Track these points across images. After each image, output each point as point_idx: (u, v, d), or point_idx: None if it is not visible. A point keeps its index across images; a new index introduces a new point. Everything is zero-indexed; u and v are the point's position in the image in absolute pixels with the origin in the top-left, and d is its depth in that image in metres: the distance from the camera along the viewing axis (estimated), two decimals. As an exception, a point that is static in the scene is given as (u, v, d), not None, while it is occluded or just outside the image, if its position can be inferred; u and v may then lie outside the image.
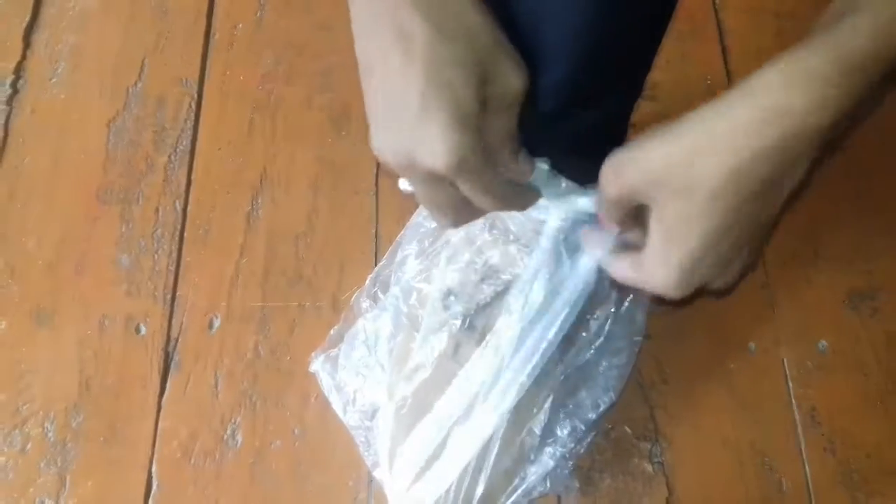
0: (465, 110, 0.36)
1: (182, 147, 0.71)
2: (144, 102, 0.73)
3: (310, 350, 0.62)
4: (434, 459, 0.52)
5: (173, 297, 0.65)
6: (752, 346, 0.64)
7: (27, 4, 0.77)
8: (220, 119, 0.72)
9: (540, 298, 0.50)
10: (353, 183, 0.69)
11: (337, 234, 0.68)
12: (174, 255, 0.67)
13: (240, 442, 0.60)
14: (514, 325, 0.51)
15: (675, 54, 0.74)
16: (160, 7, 0.77)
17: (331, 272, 0.66)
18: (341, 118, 0.72)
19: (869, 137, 0.70)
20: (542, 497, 0.57)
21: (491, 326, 0.53)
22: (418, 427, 0.53)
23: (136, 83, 0.74)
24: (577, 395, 0.57)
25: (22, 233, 0.67)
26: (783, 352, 0.64)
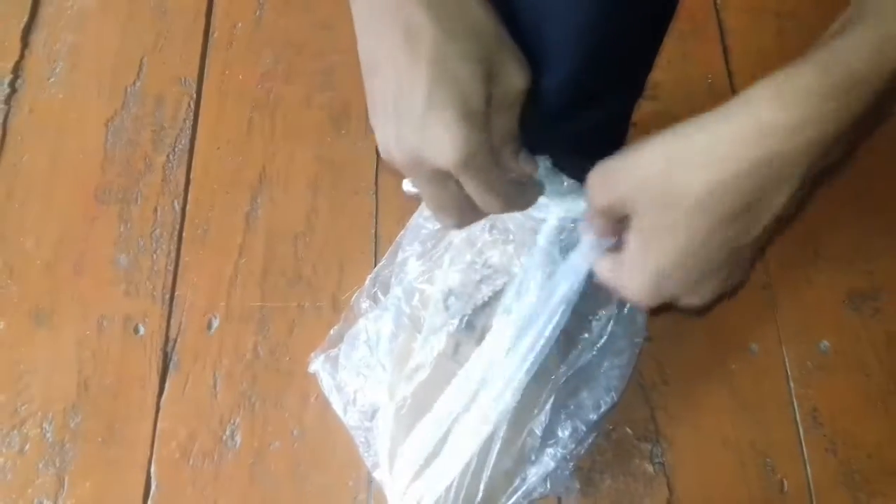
0: (472, 107, 0.36)
1: (181, 146, 0.71)
2: (143, 102, 0.72)
3: (309, 350, 0.62)
4: (434, 459, 0.52)
5: (172, 298, 0.65)
6: (753, 346, 0.64)
7: (25, 4, 0.77)
8: (218, 118, 0.72)
9: (535, 297, 0.50)
10: (352, 182, 0.69)
11: (336, 234, 0.67)
12: (173, 255, 0.66)
13: (239, 442, 0.60)
14: (512, 324, 0.51)
15: (676, 54, 0.74)
16: (159, 6, 0.77)
17: (330, 272, 0.66)
18: (341, 117, 0.72)
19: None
20: (542, 498, 0.57)
21: (490, 326, 0.53)
22: (418, 427, 0.52)
23: (134, 82, 0.73)
24: (579, 396, 0.57)
25: (20, 232, 0.67)
26: (784, 352, 0.64)
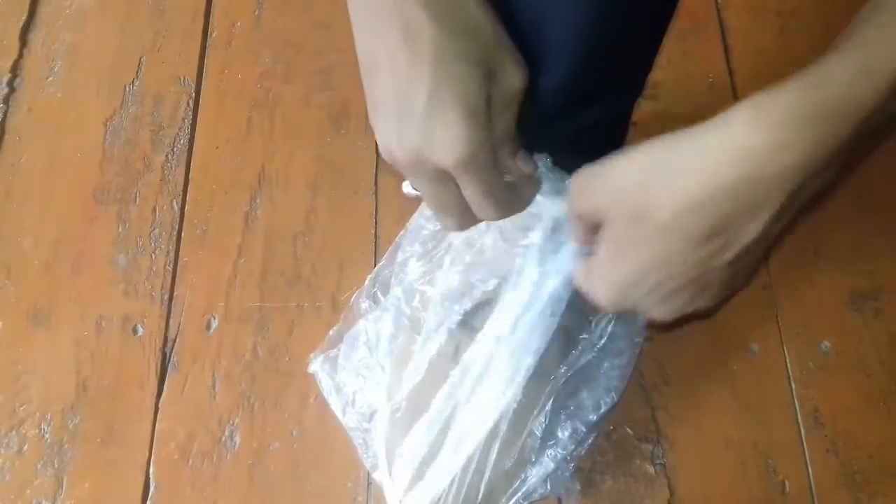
0: (473, 105, 0.36)
1: (179, 146, 0.70)
2: (142, 101, 0.72)
3: (309, 351, 0.62)
4: (432, 460, 0.52)
5: (171, 298, 0.65)
6: (755, 346, 0.63)
7: (24, 3, 0.76)
8: (217, 118, 0.72)
9: (528, 294, 0.50)
10: (352, 182, 0.69)
11: (336, 234, 0.67)
12: (171, 255, 0.66)
13: (238, 443, 0.60)
14: (507, 322, 0.51)
15: (676, 53, 0.73)
16: (157, 5, 0.77)
17: (330, 272, 0.66)
18: (340, 117, 0.72)
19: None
20: (542, 499, 0.57)
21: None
22: (415, 427, 0.52)
23: (133, 82, 0.73)
24: (578, 397, 0.57)
25: (18, 232, 0.67)
26: (785, 352, 0.63)
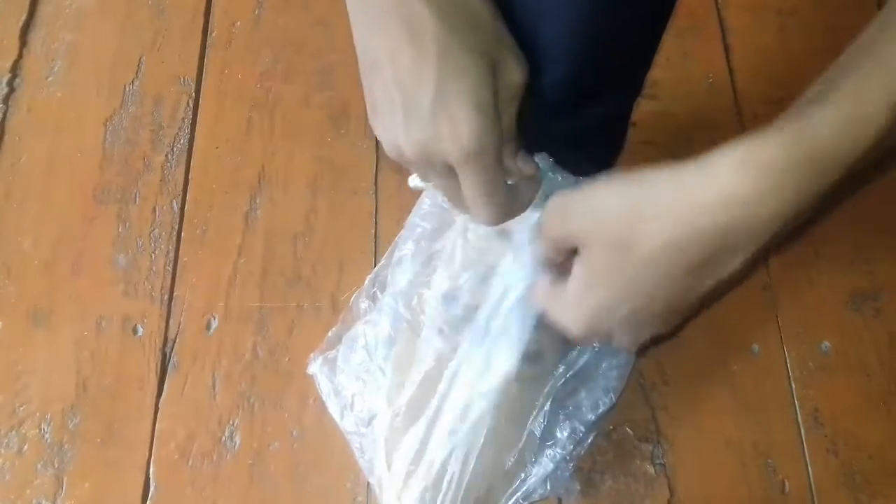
0: (481, 96, 0.36)
1: (179, 146, 0.70)
2: (141, 101, 0.72)
3: (309, 351, 0.62)
4: (422, 456, 0.52)
5: (171, 298, 0.65)
6: (755, 346, 0.63)
7: (24, 3, 0.76)
8: (217, 118, 0.72)
9: (520, 291, 0.50)
10: (352, 182, 0.69)
11: (336, 234, 0.67)
12: (171, 255, 0.66)
13: (238, 443, 0.60)
14: (502, 319, 0.50)
15: (676, 52, 0.73)
16: (157, 5, 0.76)
17: (330, 272, 0.66)
18: (340, 116, 0.72)
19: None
20: (542, 499, 0.57)
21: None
22: (411, 431, 0.52)
23: (133, 81, 0.73)
24: (577, 397, 0.57)
25: (18, 232, 0.67)
26: (785, 353, 0.63)
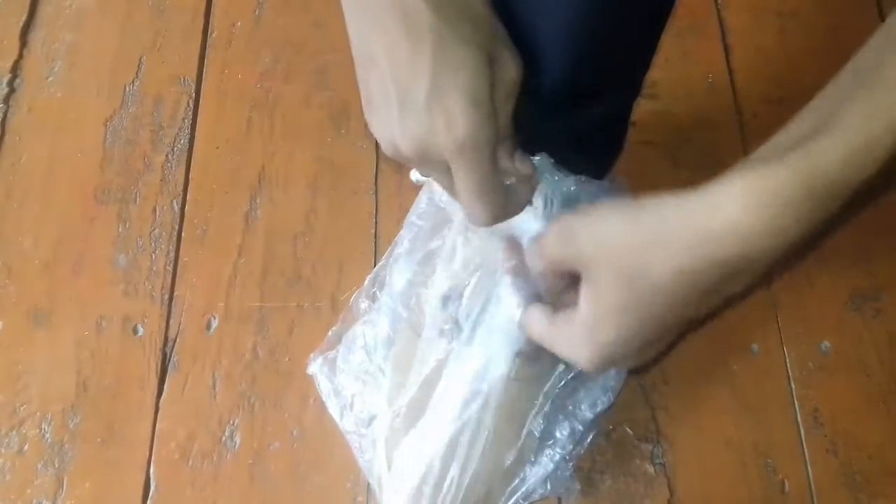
0: (478, 91, 0.36)
1: (180, 146, 0.70)
2: (142, 101, 0.72)
3: (309, 351, 0.62)
4: (429, 461, 0.52)
5: (171, 298, 0.65)
6: (755, 346, 0.63)
7: (24, 3, 0.76)
8: (217, 118, 0.72)
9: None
10: (352, 182, 0.69)
11: (336, 234, 0.67)
12: (172, 256, 0.66)
13: (238, 443, 0.60)
14: (500, 318, 0.50)
15: (675, 52, 0.73)
16: (157, 5, 0.76)
17: (330, 272, 0.66)
18: (340, 116, 0.72)
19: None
20: (542, 499, 0.57)
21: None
22: (411, 432, 0.52)
23: (133, 82, 0.73)
24: (576, 396, 0.57)
25: (18, 232, 0.67)
26: (785, 352, 0.63)
